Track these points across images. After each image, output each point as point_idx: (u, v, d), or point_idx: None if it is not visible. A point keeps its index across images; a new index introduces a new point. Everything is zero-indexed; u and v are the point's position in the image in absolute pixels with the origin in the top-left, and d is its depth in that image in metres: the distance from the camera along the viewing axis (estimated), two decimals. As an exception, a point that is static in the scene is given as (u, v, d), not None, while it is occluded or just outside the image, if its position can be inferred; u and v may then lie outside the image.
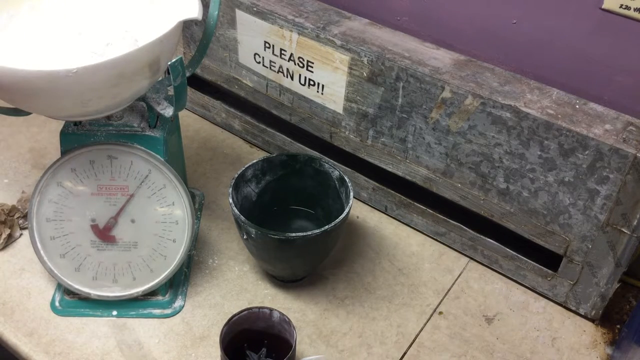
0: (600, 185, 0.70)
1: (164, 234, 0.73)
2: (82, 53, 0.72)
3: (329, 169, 0.82)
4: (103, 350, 0.73)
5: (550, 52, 0.80)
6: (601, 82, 0.78)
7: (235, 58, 0.94)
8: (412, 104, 0.79)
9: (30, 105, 0.63)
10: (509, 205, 0.78)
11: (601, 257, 0.74)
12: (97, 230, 0.73)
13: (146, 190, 0.72)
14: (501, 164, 0.76)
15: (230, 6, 0.89)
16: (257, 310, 0.69)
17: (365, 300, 0.80)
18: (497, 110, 0.72)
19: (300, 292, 0.81)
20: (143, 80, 0.62)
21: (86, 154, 0.70)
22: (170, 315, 0.77)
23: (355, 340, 0.76)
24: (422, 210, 0.87)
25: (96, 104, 0.62)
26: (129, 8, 0.74)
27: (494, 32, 0.83)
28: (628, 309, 0.81)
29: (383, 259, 0.86)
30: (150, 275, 0.75)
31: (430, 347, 0.76)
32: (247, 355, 0.71)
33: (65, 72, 0.55)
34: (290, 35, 0.85)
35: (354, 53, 0.80)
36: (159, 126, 0.72)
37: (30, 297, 0.78)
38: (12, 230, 0.85)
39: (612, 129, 0.68)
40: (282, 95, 0.92)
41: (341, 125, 0.88)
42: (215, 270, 0.83)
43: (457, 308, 0.80)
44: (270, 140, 1.00)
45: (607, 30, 0.74)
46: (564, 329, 0.79)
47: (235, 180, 0.78)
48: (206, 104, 1.06)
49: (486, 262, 0.85)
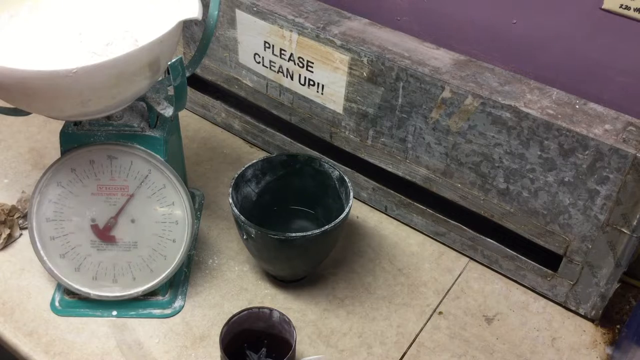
0: (600, 185, 0.70)
1: (163, 234, 0.73)
2: (82, 53, 0.72)
3: (328, 169, 0.82)
4: (103, 350, 0.73)
5: (550, 52, 0.80)
6: (601, 82, 0.78)
7: (235, 58, 0.94)
8: (412, 104, 0.79)
9: (30, 105, 0.63)
10: (509, 205, 0.78)
11: (601, 257, 0.74)
12: (97, 230, 0.73)
13: (146, 190, 0.72)
14: (501, 164, 0.76)
15: (230, 6, 0.89)
16: (257, 310, 0.69)
17: (365, 300, 0.80)
18: (497, 110, 0.72)
19: (300, 292, 0.81)
20: (143, 80, 0.62)
21: (86, 154, 0.70)
22: (170, 315, 0.77)
23: (355, 341, 0.76)
24: (422, 210, 0.87)
25: (96, 104, 0.62)
26: (129, 8, 0.74)
27: (494, 32, 0.83)
28: (628, 309, 0.81)
29: (383, 259, 0.86)
30: (150, 275, 0.75)
31: (430, 347, 0.76)
32: (247, 355, 0.71)
33: (65, 72, 0.55)
34: (290, 35, 0.85)
35: (354, 53, 0.80)
36: (159, 126, 0.72)
37: (30, 297, 0.78)
38: (12, 230, 0.85)
39: (612, 129, 0.68)
40: (282, 95, 0.92)
41: (341, 125, 0.88)
42: (215, 270, 0.83)
43: (457, 308, 0.80)
44: (270, 140, 1.00)
45: (607, 30, 0.74)
46: (564, 329, 0.79)
47: (235, 180, 0.78)
48: (206, 104, 1.06)
49: (486, 262, 0.85)
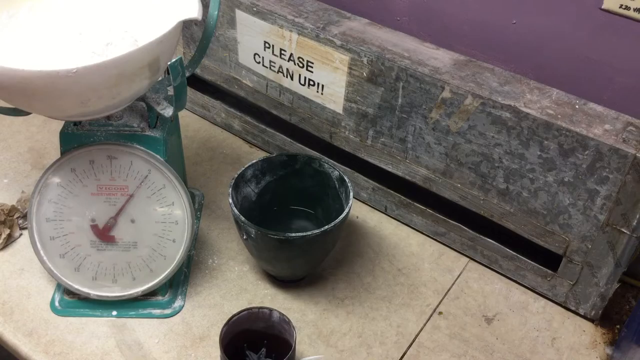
0: (600, 185, 0.70)
1: (163, 234, 0.73)
2: (82, 53, 0.72)
3: (328, 169, 0.82)
4: (103, 350, 0.73)
5: (550, 52, 0.80)
6: (601, 82, 0.78)
7: (235, 58, 0.94)
8: (412, 104, 0.79)
9: (30, 105, 0.63)
10: (509, 205, 0.78)
11: (601, 257, 0.74)
12: (96, 230, 0.73)
13: (146, 190, 0.72)
14: (501, 164, 0.76)
15: (230, 6, 0.89)
16: (257, 311, 0.69)
17: (365, 300, 0.80)
18: (496, 110, 0.72)
19: (300, 292, 0.81)
20: (143, 80, 0.62)
21: (86, 154, 0.70)
22: (170, 315, 0.77)
23: (355, 340, 0.76)
24: (422, 210, 0.87)
25: (96, 104, 0.62)
26: (129, 8, 0.74)
27: (494, 32, 0.83)
28: (628, 309, 0.81)
29: (383, 259, 0.86)
30: (150, 275, 0.75)
31: (430, 347, 0.76)
32: (247, 356, 0.71)
33: (65, 72, 0.55)
34: (290, 35, 0.85)
35: (353, 53, 0.80)
36: (159, 126, 0.72)
37: (30, 297, 0.78)
38: (12, 230, 0.85)
39: (612, 129, 0.68)
40: (282, 95, 0.92)
41: (341, 125, 0.88)
42: (215, 270, 0.83)
43: (457, 308, 0.80)
44: (270, 140, 1.00)
45: (607, 30, 0.74)
46: (564, 329, 0.79)
47: (235, 180, 0.78)
48: (206, 104, 1.06)
49: (486, 262, 0.85)
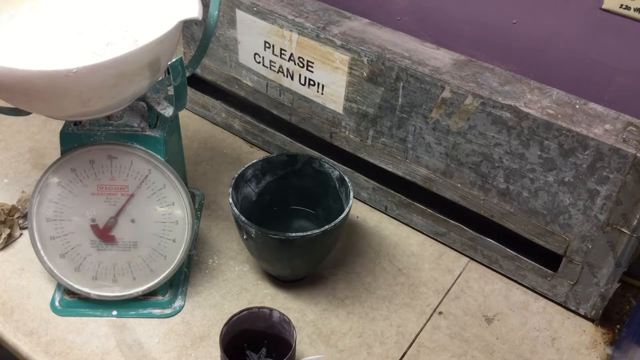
0: (600, 185, 0.70)
1: (163, 234, 0.73)
2: (82, 53, 0.72)
3: (329, 169, 0.82)
4: (103, 350, 0.73)
5: (550, 52, 0.80)
6: (601, 82, 0.78)
7: (235, 58, 0.94)
8: (412, 104, 0.79)
9: (30, 105, 0.63)
10: (509, 205, 0.78)
11: (601, 257, 0.74)
12: (97, 230, 0.73)
13: (146, 190, 0.72)
14: (501, 164, 0.76)
15: (230, 6, 0.89)
16: (257, 310, 0.69)
17: (365, 300, 0.80)
18: (497, 110, 0.72)
19: (300, 292, 0.81)
20: (143, 80, 0.62)
21: (86, 154, 0.70)
22: (170, 315, 0.77)
23: (355, 340, 0.76)
24: (422, 210, 0.87)
25: (96, 104, 0.62)
26: (129, 8, 0.74)
27: (494, 32, 0.83)
28: (628, 309, 0.81)
29: (383, 259, 0.86)
30: (150, 275, 0.75)
31: (430, 347, 0.76)
32: (247, 355, 0.71)
33: (66, 72, 0.55)
34: (290, 35, 0.85)
35: (354, 53, 0.80)
36: (159, 126, 0.72)
37: (30, 297, 0.78)
38: (12, 230, 0.85)
39: (612, 129, 0.68)
40: (282, 95, 0.92)
41: (341, 125, 0.88)
42: (215, 270, 0.83)
43: (457, 308, 0.80)
44: (270, 140, 1.00)
45: (607, 30, 0.74)
46: (564, 329, 0.79)
47: (235, 180, 0.78)
48: (206, 104, 1.06)
49: (486, 262, 0.85)
